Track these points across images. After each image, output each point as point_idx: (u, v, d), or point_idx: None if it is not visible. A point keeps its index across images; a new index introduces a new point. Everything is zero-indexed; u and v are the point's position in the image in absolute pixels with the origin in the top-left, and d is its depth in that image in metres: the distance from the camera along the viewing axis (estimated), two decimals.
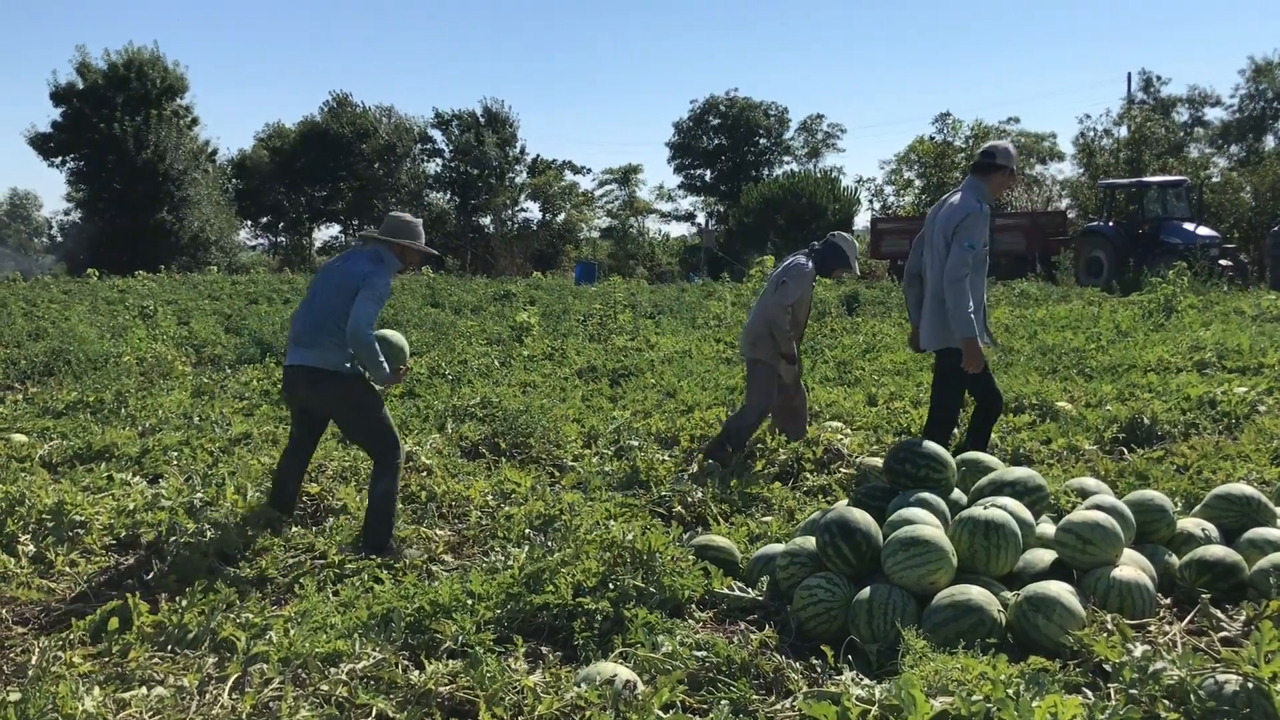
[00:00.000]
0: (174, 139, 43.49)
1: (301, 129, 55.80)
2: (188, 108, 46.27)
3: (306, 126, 55.53)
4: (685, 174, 62.32)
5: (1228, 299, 17.86)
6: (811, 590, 4.44)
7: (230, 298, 22.93)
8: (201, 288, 25.98)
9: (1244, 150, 50.29)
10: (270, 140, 57.46)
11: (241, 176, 56.10)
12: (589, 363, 12.01)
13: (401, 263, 5.93)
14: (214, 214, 45.82)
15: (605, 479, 6.82)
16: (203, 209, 44.79)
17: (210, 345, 14.29)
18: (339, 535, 5.60)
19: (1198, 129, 52.47)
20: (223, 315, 18.57)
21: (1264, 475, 6.23)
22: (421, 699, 3.60)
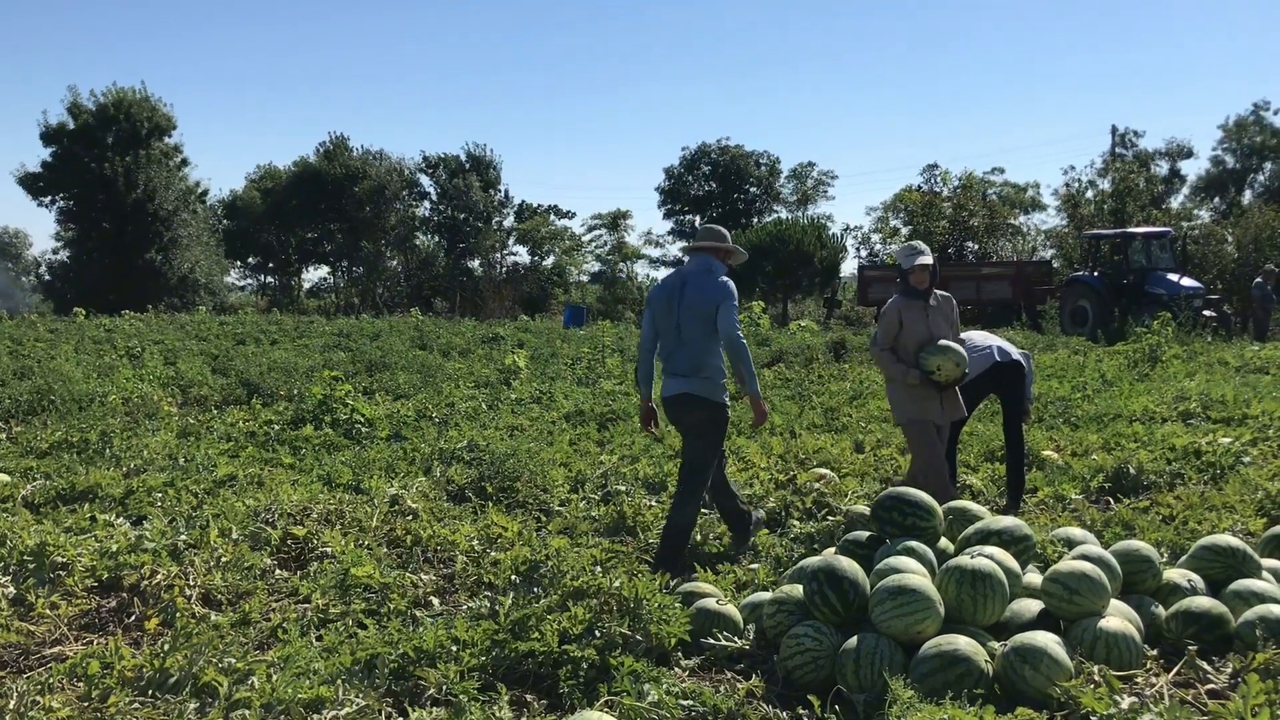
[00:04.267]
0: (164, 179, 43.59)
1: (294, 170, 56.00)
2: (177, 147, 46.42)
3: (300, 168, 55.73)
4: (675, 219, 62.65)
5: (1212, 350, 17.98)
6: (799, 639, 4.43)
7: (218, 338, 22.90)
8: (189, 328, 25.94)
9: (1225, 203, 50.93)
10: (262, 181, 57.68)
11: (232, 217, 56.23)
12: (577, 407, 12.01)
13: (724, 265, 6.51)
14: (203, 255, 45.83)
15: (592, 524, 6.80)
16: (192, 250, 44.79)
17: (197, 386, 14.24)
18: (323, 579, 5.56)
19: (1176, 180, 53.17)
20: (210, 356, 18.52)
21: (1249, 526, 6.25)
22: None
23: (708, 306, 6.18)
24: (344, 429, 10.51)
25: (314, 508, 6.82)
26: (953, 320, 7.16)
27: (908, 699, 3.63)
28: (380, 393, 13.88)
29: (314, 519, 6.67)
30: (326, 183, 53.67)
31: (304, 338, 23.49)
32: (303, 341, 22.31)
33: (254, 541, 6.21)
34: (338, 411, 10.81)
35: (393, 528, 6.56)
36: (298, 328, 26.83)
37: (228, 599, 5.41)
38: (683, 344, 6.27)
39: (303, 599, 5.43)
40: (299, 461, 8.96)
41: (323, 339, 22.82)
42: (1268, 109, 54.13)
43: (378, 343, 21.28)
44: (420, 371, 16.26)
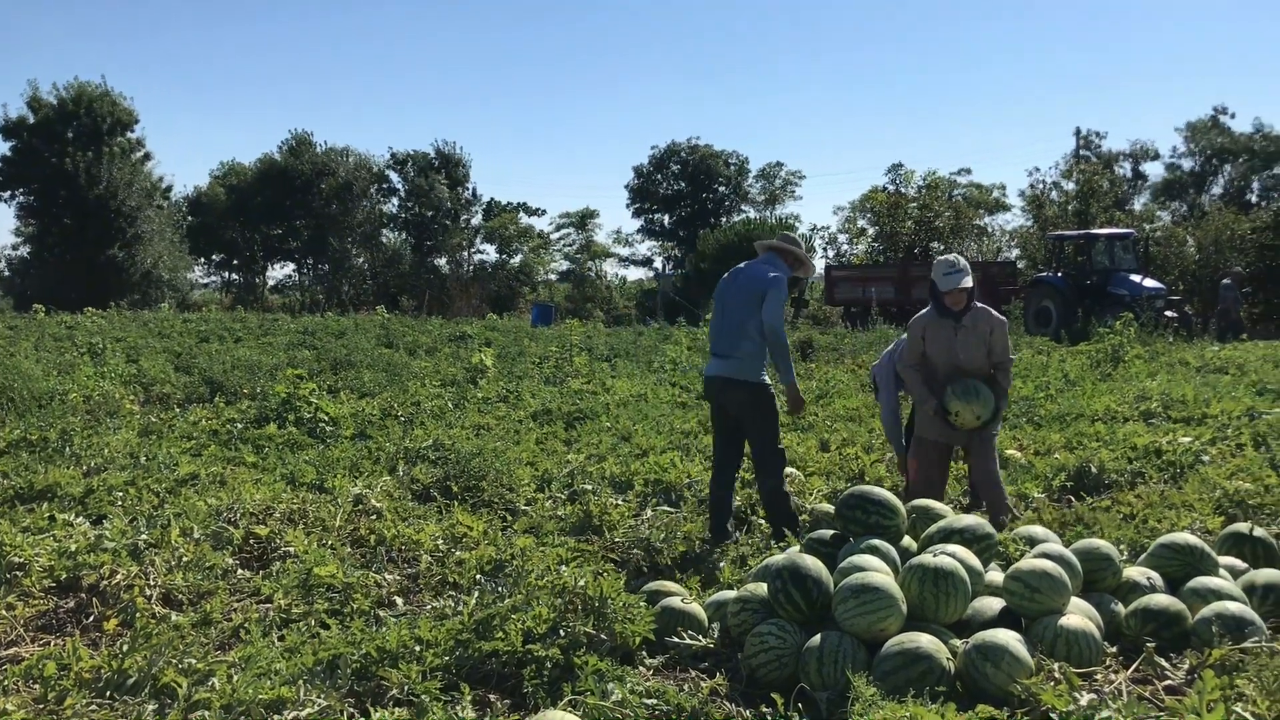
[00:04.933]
0: (126, 174, 43.16)
1: (260, 167, 55.60)
2: (140, 142, 46.02)
3: (265, 164, 55.36)
4: (645, 218, 62.75)
5: (1173, 350, 18.20)
6: (763, 637, 4.44)
7: (181, 336, 22.67)
8: (152, 325, 25.68)
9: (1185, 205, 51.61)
10: (226, 177, 57.23)
11: (196, 213, 55.73)
12: (544, 406, 11.98)
13: (790, 270, 6.86)
14: (166, 251, 45.41)
15: (558, 523, 6.79)
16: (155, 246, 44.37)
17: (159, 384, 14.08)
18: (286, 579, 5.51)
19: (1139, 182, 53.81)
20: (173, 353, 18.33)
21: (1207, 525, 6.32)
22: None
23: (756, 291, 6.60)
24: (308, 427, 10.43)
25: (277, 507, 6.77)
26: (989, 339, 6.76)
27: (870, 696, 3.65)
28: (345, 391, 13.79)
29: (277, 518, 6.61)
30: (292, 179, 53.36)
31: (268, 335, 23.31)
32: (267, 339, 22.13)
33: (216, 541, 6.14)
34: (302, 410, 10.73)
35: (356, 527, 6.52)
36: (262, 325, 26.63)
37: (189, 599, 5.36)
38: (726, 325, 6.73)
39: (265, 599, 5.38)
40: (262, 460, 8.88)
41: (287, 337, 22.64)
42: (1226, 113, 54.94)
43: (343, 341, 21.14)
44: (386, 370, 16.17)
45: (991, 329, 6.78)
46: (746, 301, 6.62)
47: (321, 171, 53.54)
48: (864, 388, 13.66)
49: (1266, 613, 4.77)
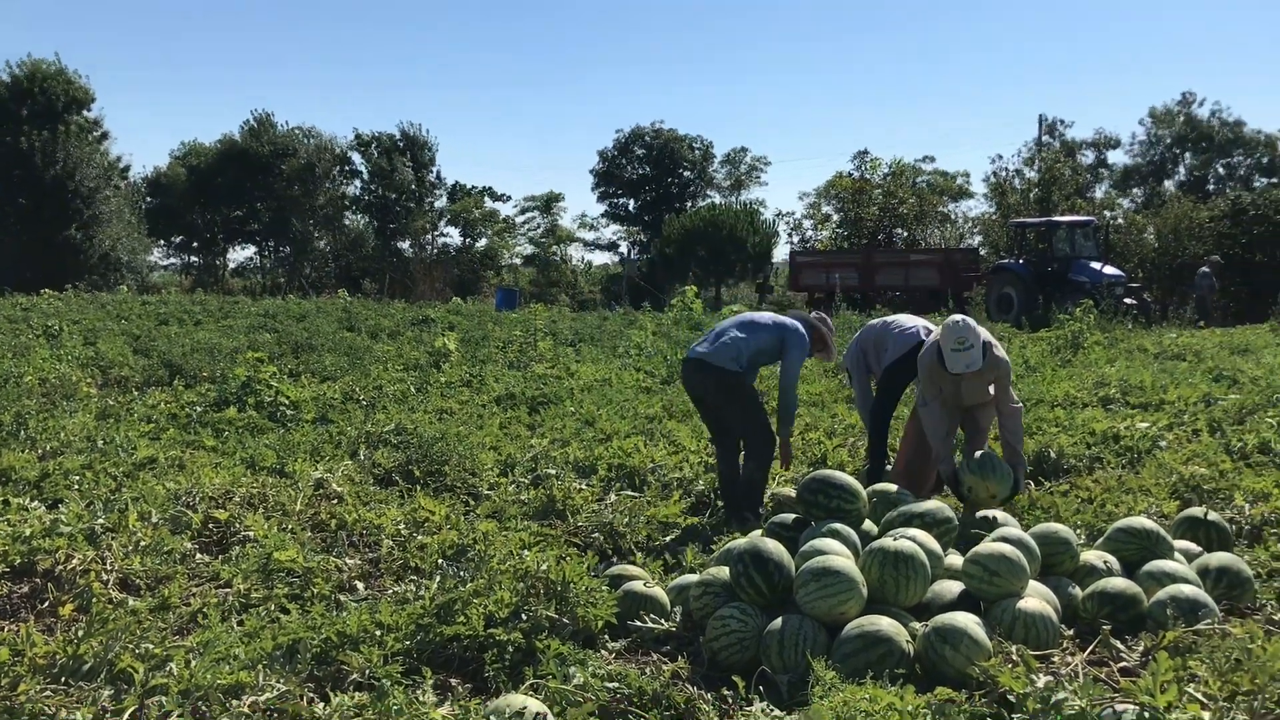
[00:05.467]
0: (83, 154, 42.45)
1: (220, 147, 54.88)
2: (96, 121, 45.26)
3: (225, 145, 54.64)
4: (609, 203, 62.55)
5: (1132, 337, 18.40)
6: (724, 620, 4.46)
7: (140, 318, 22.37)
8: (110, 307, 25.32)
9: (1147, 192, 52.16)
10: (186, 158, 56.42)
11: (156, 194, 54.93)
12: (508, 390, 11.94)
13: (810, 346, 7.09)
14: (125, 233, 44.71)
15: (521, 508, 6.77)
16: (113, 227, 43.68)
17: (117, 366, 13.90)
18: (245, 564, 5.46)
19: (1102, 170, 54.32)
20: (131, 336, 18.09)
21: (1163, 509, 6.41)
22: None
23: (776, 333, 6.93)
24: (268, 411, 10.34)
25: (236, 491, 6.71)
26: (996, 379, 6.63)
27: (830, 679, 3.67)
28: (306, 375, 13.68)
29: (236, 502, 6.56)
30: (253, 160, 52.71)
31: (229, 318, 23.07)
32: (227, 322, 21.91)
33: (174, 525, 6.09)
34: (262, 394, 10.64)
35: (317, 511, 6.47)
36: (222, 308, 26.34)
37: (146, 584, 5.30)
38: (723, 328, 7.07)
39: (224, 583, 5.34)
40: (222, 444, 8.80)
41: (248, 320, 22.42)
42: (1194, 101, 55.49)
43: (304, 324, 20.95)
44: (348, 354, 16.05)
45: (996, 379, 6.64)
46: (762, 328, 6.96)
47: (283, 152, 52.90)
48: (826, 373, 13.72)
49: (1219, 595, 4.86)
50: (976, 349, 6.31)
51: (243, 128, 54.94)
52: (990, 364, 6.47)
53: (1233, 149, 54.53)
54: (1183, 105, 55.47)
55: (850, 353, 7.88)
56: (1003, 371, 6.63)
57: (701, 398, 7.09)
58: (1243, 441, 7.95)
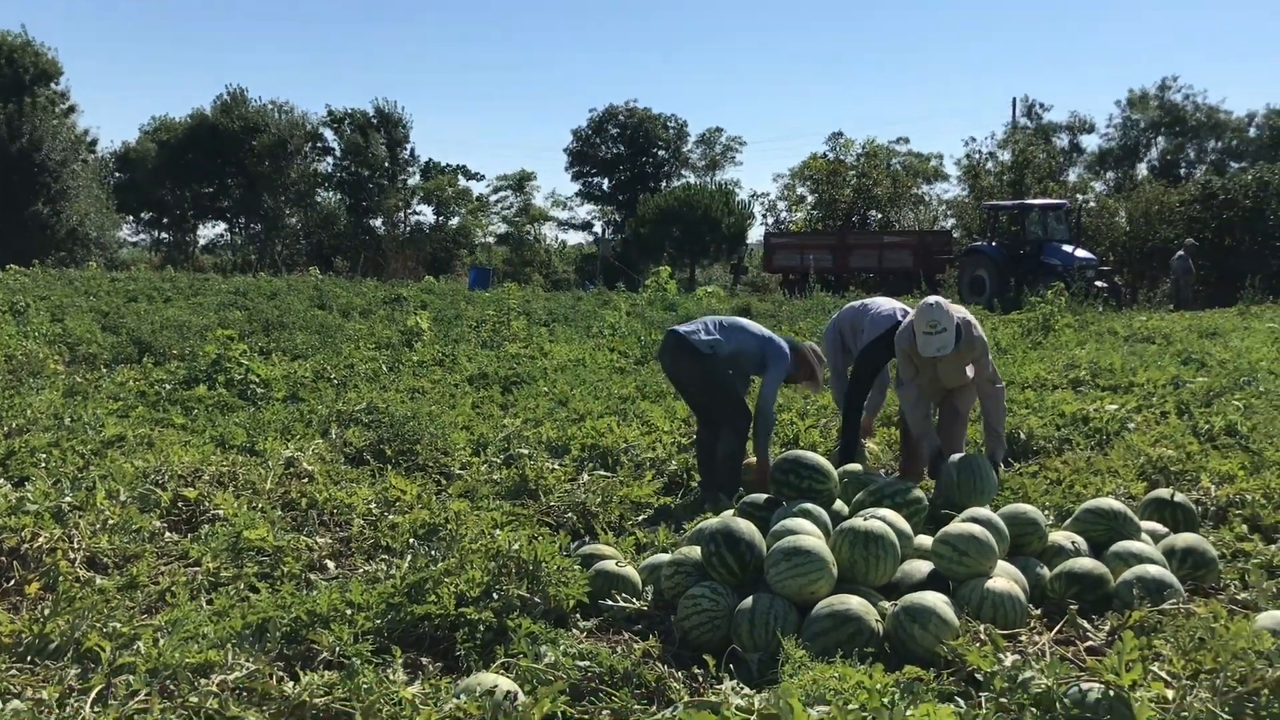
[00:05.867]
0: (50, 128, 41.92)
1: (191, 122, 54.24)
2: (64, 94, 44.71)
3: (196, 120, 54.01)
4: (583, 182, 62.38)
5: (1102, 319, 18.53)
6: (696, 600, 4.47)
7: (108, 295, 22.13)
8: (78, 284, 25.06)
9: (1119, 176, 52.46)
10: (156, 133, 55.75)
11: (125, 169, 54.33)
12: (480, 369, 11.90)
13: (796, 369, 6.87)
14: (93, 208, 44.25)
15: (493, 487, 6.76)
16: (81, 202, 43.22)
17: (85, 344, 13.75)
18: (215, 542, 5.43)
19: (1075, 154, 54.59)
20: (100, 313, 17.90)
21: (1131, 490, 6.47)
22: (296, 711, 3.51)
23: (758, 348, 6.75)
24: (238, 389, 10.27)
25: (206, 469, 6.66)
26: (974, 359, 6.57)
27: (800, 658, 3.69)
28: (277, 353, 13.59)
29: (206, 481, 6.50)
30: (224, 136, 52.15)
31: (199, 295, 22.88)
32: (197, 299, 21.72)
33: (143, 504, 6.03)
34: (232, 371, 10.56)
35: (288, 490, 6.43)
36: (192, 285, 26.14)
37: (114, 562, 5.26)
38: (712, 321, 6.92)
39: (193, 562, 5.30)
40: (191, 422, 8.74)
41: (218, 297, 22.23)
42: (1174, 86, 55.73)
43: (275, 302, 20.80)
44: (319, 332, 15.96)
45: (974, 359, 6.59)
46: (748, 333, 6.82)
47: (255, 128, 52.38)
48: None
49: (1185, 575, 4.92)
50: (949, 333, 6.26)
51: (215, 103, 54.37)
52: (966, 344, 6.43)
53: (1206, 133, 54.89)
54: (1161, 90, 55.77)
55: (828, 333, 7.90)
56: (979, 351, 6.54)
57: (675, 375, 7.07)
58: (1210, 424, 8.03)
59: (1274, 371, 10.52)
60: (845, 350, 7.67)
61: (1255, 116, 53.49)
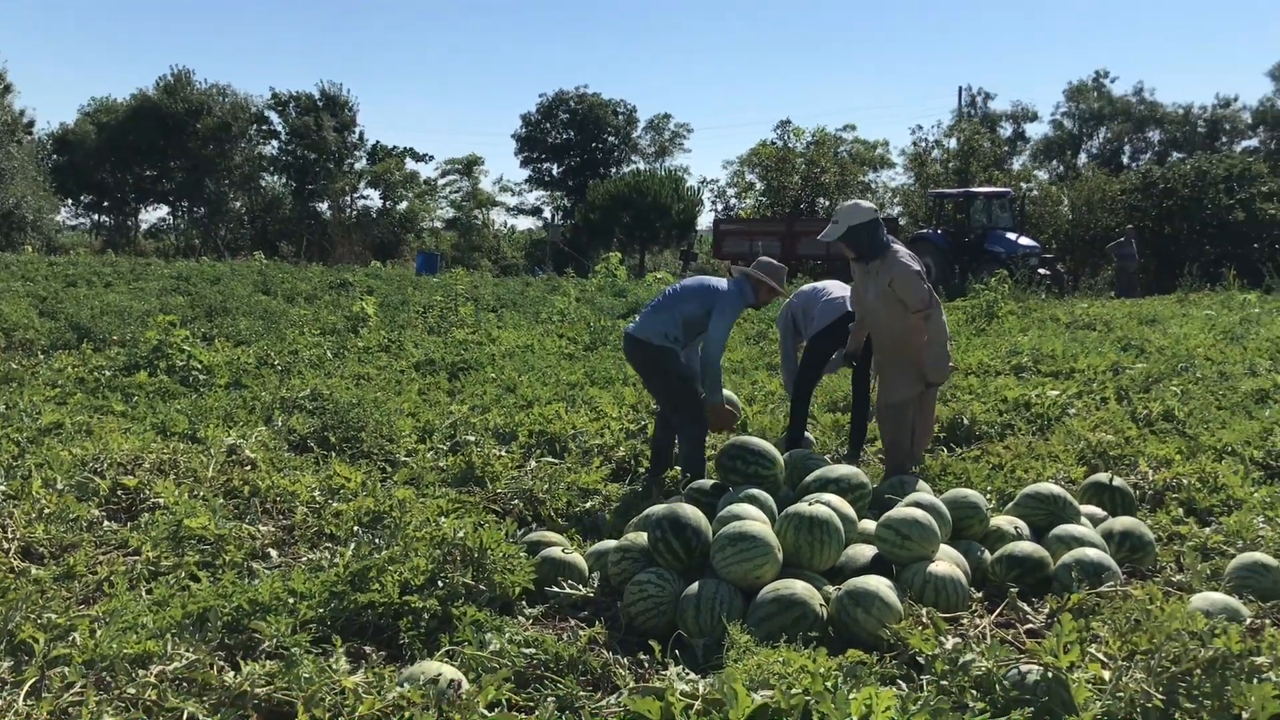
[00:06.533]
0: None
1: (132, 104, 53.13)
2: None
3: (138, 101, 52.91)
4: (533, 167, 61.99)
5: (1044, 306, 18.77)
6: (642, 585, 4.48)
7: (46, 279, 21.67)
8: (14, 268, 24.48)
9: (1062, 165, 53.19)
10: (96, 115, 54.55)
11: (63, 151, 53.09)
12: (427, 356, 11.82)
13: (755, 299, 6.70)
14: (29, 190, 43.21)
15: (439, 475, 6.72)
16: (16, 184, 42.19)
17: (21, 329, 13.46)
18: (155, 531, 5.34)
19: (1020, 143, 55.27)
20: (37, 298, 17.52)
21: (1071, 475, 6.58)
22: (237, 701, 3.47)
23: (707, 296, 6.58)
24: (180, 376, 10.11)
25: (146, 457, 6.56)
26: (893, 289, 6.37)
27: (744, 643, 3.70)
28: (220, 339, 13.40)
29: (146, 469, 6.41)
30: (167, 118, 51.18)
31: (140, 280, 22.46)
32: (139, 284, 21.33)
33: (81, 492, 5.94)
34: (174, 357, 10.39)
35: (230, 478, 6.35)
36: (134, 270, 25.66)
37: (50, 552, 5.17)
38: (659, 299, 6.79)
39: (132, 551, 5.23)
40: (131, 409, 8.59)
41: (160, 282, 21.84)
42: (1107, 77, 56.66)
43: (219, 287, 20.50)
44: (263, 317, 15.75)
45: (891, 278, 6.35)
46: (693, 295, 6.66)
47: (198, 111, 51.46)
48: (748, 340, 13.82)
49: (1123, 558, 5.01)
50: (838, 225, 6.46)
51: (157, 84, 53.31)
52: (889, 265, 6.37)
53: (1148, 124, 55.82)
54: (1097, 81, 56.62)
55: (781, 316, 7.93)
56: (899, 281, 6.32)
57: (637, 372, 7.08)
58: (1148, 409, 8.18)
59: (1210, 358, 10.74)
60: (797, 334, 7.71)
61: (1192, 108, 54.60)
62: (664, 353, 6.61)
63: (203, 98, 52.47)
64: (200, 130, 50.98)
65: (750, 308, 6.85)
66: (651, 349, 6.62)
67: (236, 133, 52.67)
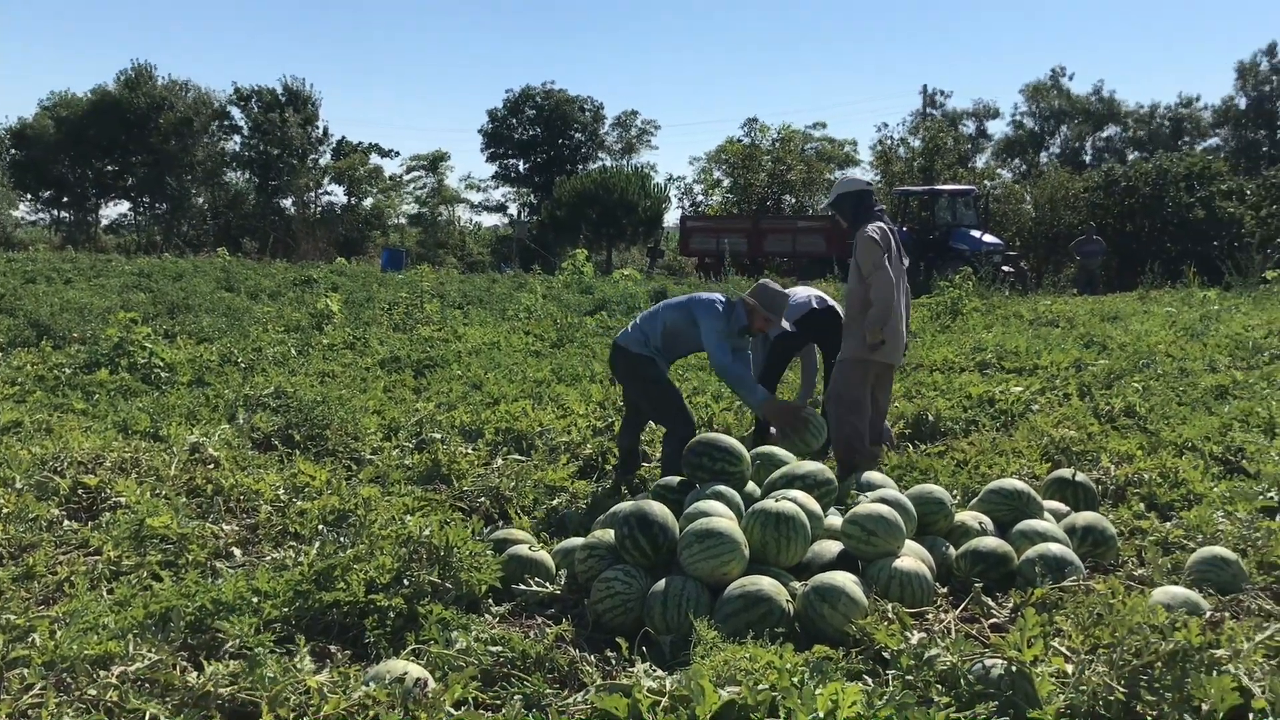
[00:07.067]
0: None
1: (93, 98, 52.44)
2: None
3: (98, 96, 52.23)
4: (499, 163, 61.76)
5: (1008, 304, 18.93)
6: (609, 583, 4.47)
7: (4, 275, 21.36)
8: None
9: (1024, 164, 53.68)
10: (56, 109, 53.78)
11: (21, 146, 52.32)
12: (392, 353, 11.76)
13: (748, 323, 6.58)
14: None
15: (405, 473, 6.69)
16: None
17: None
18: (117, 530, 5.28)
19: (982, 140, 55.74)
20: None
21: (1034, 470, 6.63)
22: (200, 701, 3.43)
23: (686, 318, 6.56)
24: (142, 373, 10.01)
25: (108, 456, 6.48)
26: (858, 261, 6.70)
27: (711, 639, 3.71)
28: (182, 336, 13.27)
29: (107, 467, 6.34)
30: (128, 113, 50.57)
31: (101, 277, 22.21)
32: (100, 281, 21.09)
33: (40, 491, 5.87)
34: (136, 355, 10.28)
35: (193, 476, 6.28)
36: (94, 266, 25.35)
37: (9, 552, 5.10)
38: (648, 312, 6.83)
39: (93, 551, 5.17)
40: (92, 408, 8.50)
41: (122, 279, 21.60)
42: (1064, 74, 57.24)
43: (181, 284, 20.30)
44: (226, 314, 15.61)
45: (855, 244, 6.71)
46: (679, 306, 6.68)
47: (160, 105, 50.86)
48: None
49: (1085, 553, 5.05)
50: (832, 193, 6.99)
51: (118, 79, 52.64)
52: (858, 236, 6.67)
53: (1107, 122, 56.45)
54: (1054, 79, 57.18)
55: None
56: (857, 244, 6.67)
57: (618, 379, 7.12)
58: (1110, 405, 8.26)
59: (1171, 355, 10.86)
60: (764, 337, 7.73)
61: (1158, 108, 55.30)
62: (642, 360, 6.64)
63: (164, 93, 51.88)
64: (162, 125, 50.41)
65: (745, 332, 6.61)
66: (630, 356, 6.67)
67: (199, 128, 52.12)
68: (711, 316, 6.43)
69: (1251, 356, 10.61)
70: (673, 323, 6.59)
